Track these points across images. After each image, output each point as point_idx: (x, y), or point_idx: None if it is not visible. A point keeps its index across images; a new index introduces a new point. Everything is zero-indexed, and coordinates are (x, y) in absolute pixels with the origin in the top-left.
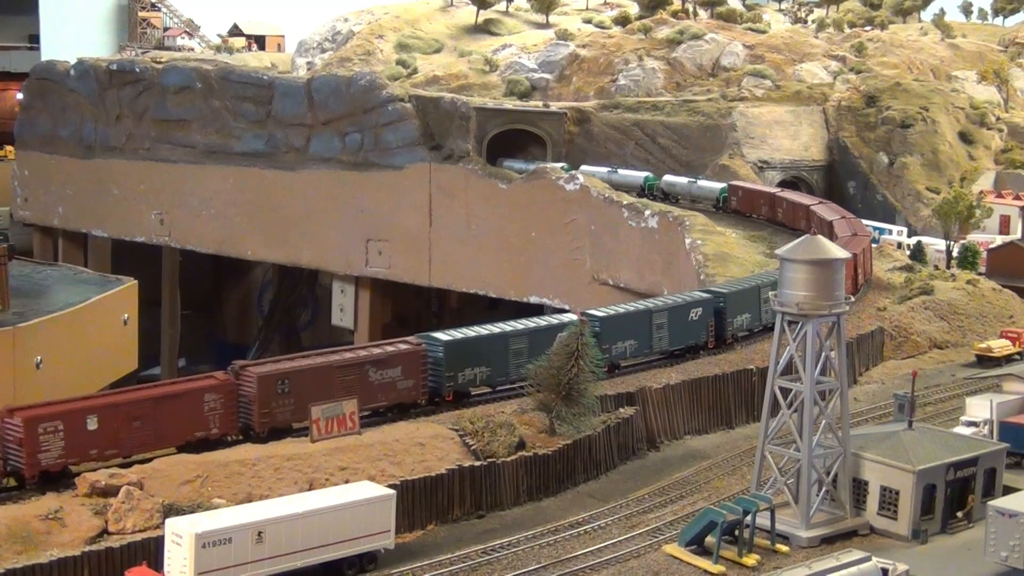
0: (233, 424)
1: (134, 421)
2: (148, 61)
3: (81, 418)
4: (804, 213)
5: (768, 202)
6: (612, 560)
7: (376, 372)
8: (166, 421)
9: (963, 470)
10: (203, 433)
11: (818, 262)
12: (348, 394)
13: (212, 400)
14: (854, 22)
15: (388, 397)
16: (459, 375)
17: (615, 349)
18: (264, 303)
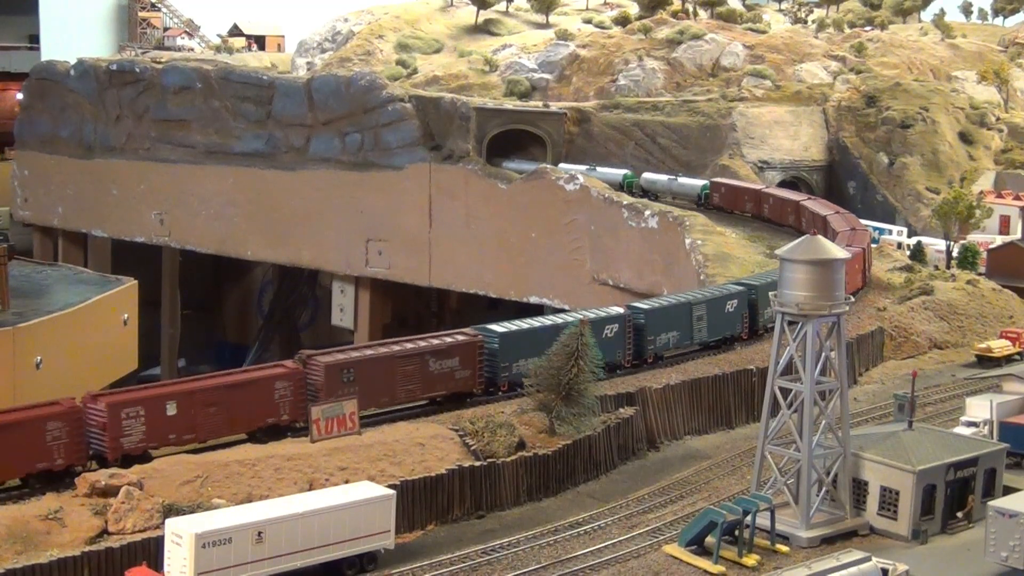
0: (301, 411)
1: (210, 407)
2: (148, 61)
3: (161, 404)
4: (794, 208)
5: (753, 198)
6: (612, 560)
7: (435, 362)
8: (239, 407)
9: (963, 470)
10: (273, 419)
11: (818, 262)
12: (409, 383)
13: (282, 388)
14: (854, 22)
15: (446, 386)
16: (513, 365)
17: (659, 341)
18: (264, 303)
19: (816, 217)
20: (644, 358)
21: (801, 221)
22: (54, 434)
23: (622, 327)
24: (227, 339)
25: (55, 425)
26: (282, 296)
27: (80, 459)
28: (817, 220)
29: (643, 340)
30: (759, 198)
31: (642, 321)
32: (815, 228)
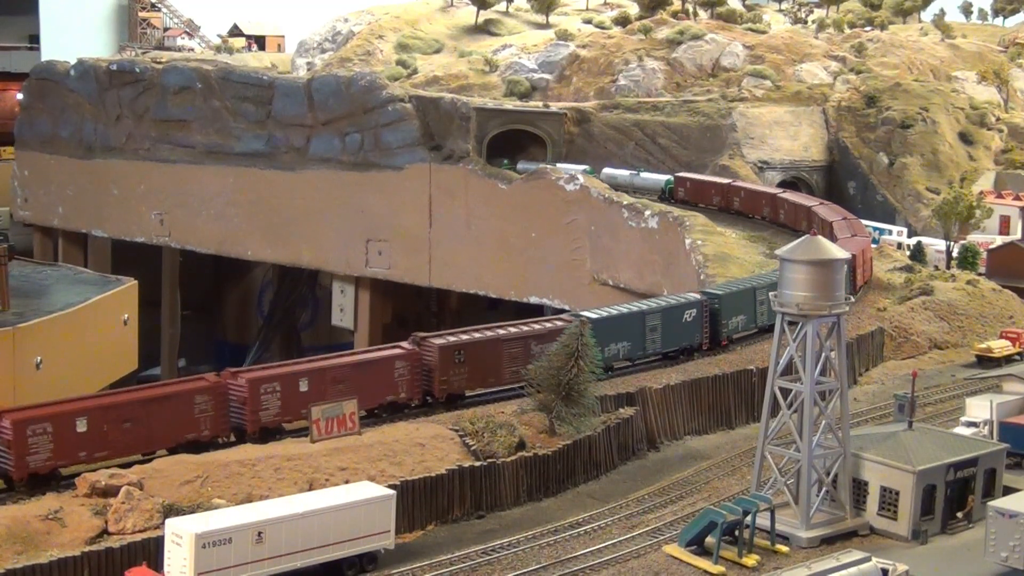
0: (417, 390)
1: (338, 384)
2: (148, 61)
3: (295, 381)
4: (769, 201)
5: (720, 192)
6: (612, 560)
7: (537, 346)
8: (363, 385)
9: (963, 470)
10: (393, 397)
11: (818, 262)
12: (514, 365)
13: (401, 367)
14: (854, 22)
15: None
16: (605, 350)
17: (731, 324)
18: (264, 303)
19: (799, 208)
20: (719, 341)
21: (778, 213)
22: (201, 407)
23: (699, 312)
24: (227, 339)
25: (202, 399)
26: (282, 296)
27: (223, 431)
28: (800, 212)
29: (718, 324)
30: (727, 191)
31: (717, 306)
32: (792, 219)
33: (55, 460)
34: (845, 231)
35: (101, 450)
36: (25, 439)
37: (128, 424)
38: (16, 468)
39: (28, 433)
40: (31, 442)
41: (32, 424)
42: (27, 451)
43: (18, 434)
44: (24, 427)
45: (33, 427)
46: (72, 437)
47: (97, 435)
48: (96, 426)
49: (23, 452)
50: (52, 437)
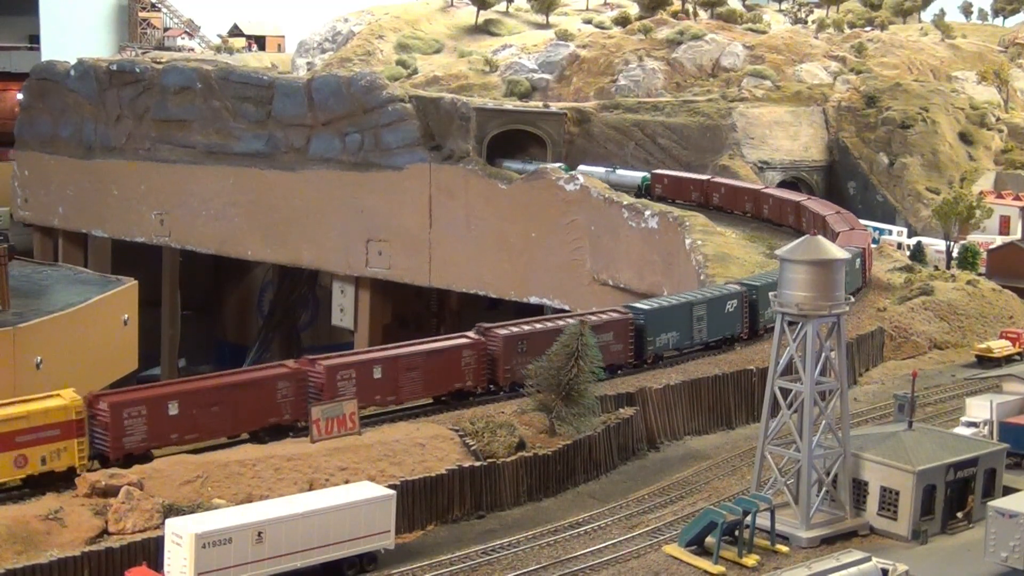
0: (483, 378)
1: (410, 372)
2: (148, 61)
3: (369, 368)
4: (752, 197)
5: (699, 188)
6: (612, 560)
7: (594, 336)
8: (433, 373)
9: (963, 471)
10: (460, 385)
11: (818, 262)
12: None
13: (468, 356)
14: (854, 22)
15: (604, 359)
16: (656, 339)
17: (766, 315)
18: (264, 303)
19: (785, 203)
20: (756, 330)
21: (761, 208)
22: (283, 392)
23: (740, 303)
24: (227, 339)
25: (284, 384)
26: (282, 296)
27: (303, 415)
28: (787, 207)
29: (756, 314)
30: (706, 188)
31: (755, 297)
32: (777, 214)
33: (149, 442)
34: (842, 224)
35: (191, 432)
36: (121, 421)
37: (216, 408)
38: (112, 449)
39: (124, 416)
40: (127, 424)
41: (128, 407)
42: (123, 432)
43: (115, 416)
44: (120, 410)
45: (128, 410)
46: (164, 420)
47: (187, 418)
48: (186, 410)
49: (119, 434)
50: (146, 420)
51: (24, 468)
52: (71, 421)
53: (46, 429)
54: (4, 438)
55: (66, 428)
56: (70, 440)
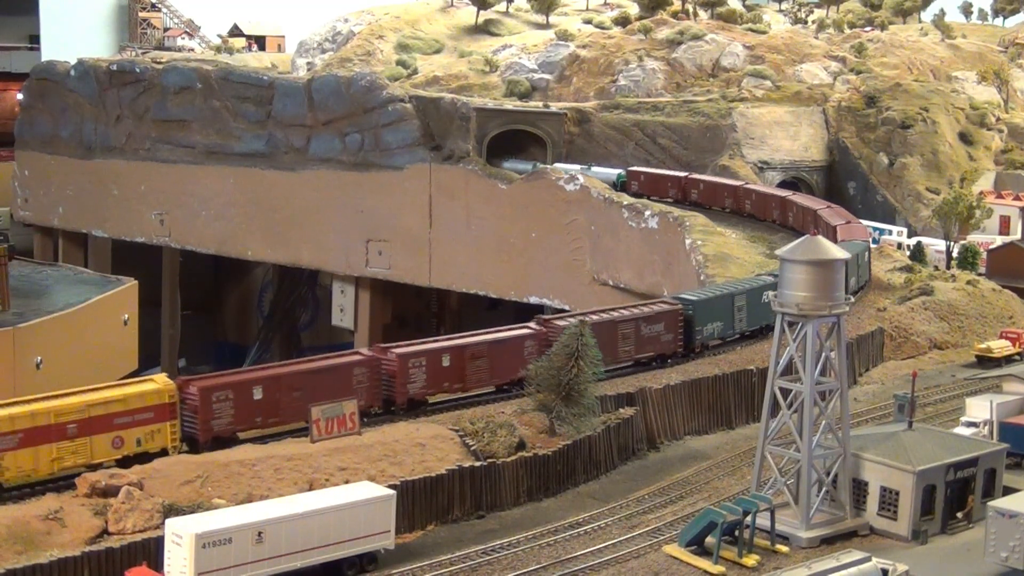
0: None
1: (476, 360)
2: (148, 61)
3: (438, 356)
4: (731, 192)
5: (677, 185)
6: (612, 560)
7: (646, 327)
8: (498, 362)
9: (963, 471)
10: (523, 373)
11: (818, 262)
12: (627, 344)
13: (530, 347)
14: (854, 23)
15: (655, 348)
16: (703, 329)
17: None
18: (264, 303)
19: (768, 197)
20: None
21: (743, 203)
22: (359, 379)
23: None
24: (227, 339)
25: (360, 371)
26: (282, 296)
27: (376, 402)
28: (772, 201)
29: None
30: (684, 184)
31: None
32: (761, 209)
33: (235, 425)
34: (835, 219)
35: (273, 416)
36: (210, 405)
37: (297, 393)
38: (202, 431)
39: (212, 400)
40: (215, 408)
41: (216, 391)
42: (211, 416)
43: (204, 400)
44: (209, 394)
45: (217, 394)
46: (250, 404)
47: (271, 402)
48: (270, 394)
49: (208, 417)
50: (233, 403)
51: (120, 449)
52: (164, 404)
53: (141, 412)
54: (103, 420)
55: (159, 411)
56: (163, 423)
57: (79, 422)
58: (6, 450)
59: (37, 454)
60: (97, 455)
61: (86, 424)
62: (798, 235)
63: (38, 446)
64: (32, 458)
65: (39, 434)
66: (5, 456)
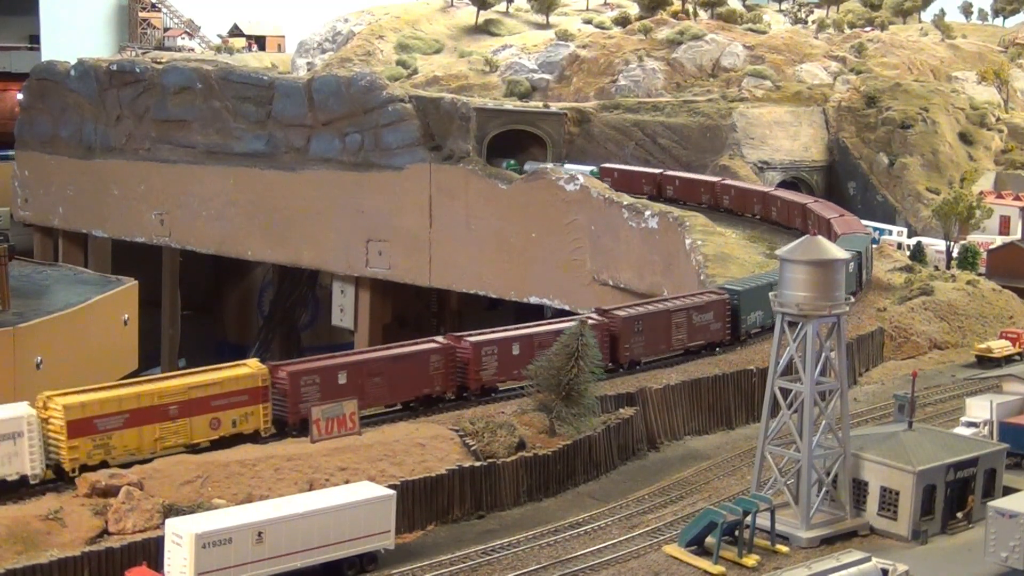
0: (605, 357)
1: (542, 349)
2: (148, 61)
3: (509, 346)
4: (708, 189)
5: (652, 181)
6: (612, 560)
7: (697, 316)
8: None
9: (963, 471)
10: None
11: (818, 262)
12: (680, 333)
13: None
14: (854, 23)
15: (704, 336)
16: (748, 318)
17: None
18: (264, 303)
19: (748, 194)
20: None
21: (721, 199)
22: (435, 366)
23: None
24: (227, 339)
25: (436, 358)
26: (282, 296)
27: (451, 388)
28: (751, 197)
29: None
30: (659, 181)
31: None
32: (740, 204)
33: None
34: (828, 212)
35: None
36: (299, 388)
37: (377, 379)
38: (291, 414)
39: (301, 384)
40: (303, 392)
41: (304, 376)
42: (300, 399)
43: (293, 384)
44: (298, 378)
45: (305, 378)
46: (335, 388)
47: (354, 387)
48: (353, 379)
49: (297, 400)
50: (319, 388)
51: (218, 430)
52: (258, 388)
53: (236, 395)
54: (202, 402)
55: (253, 394)
56: (256, 405)
57: (180, 404)
58: (114, 429)
59: (141, 434)
60: (196, 435)
61: (186, 406)
62: (783, 229)
63: (142, 426)
64: (137, 437)
65: (144, 415)
66: (113, 435)
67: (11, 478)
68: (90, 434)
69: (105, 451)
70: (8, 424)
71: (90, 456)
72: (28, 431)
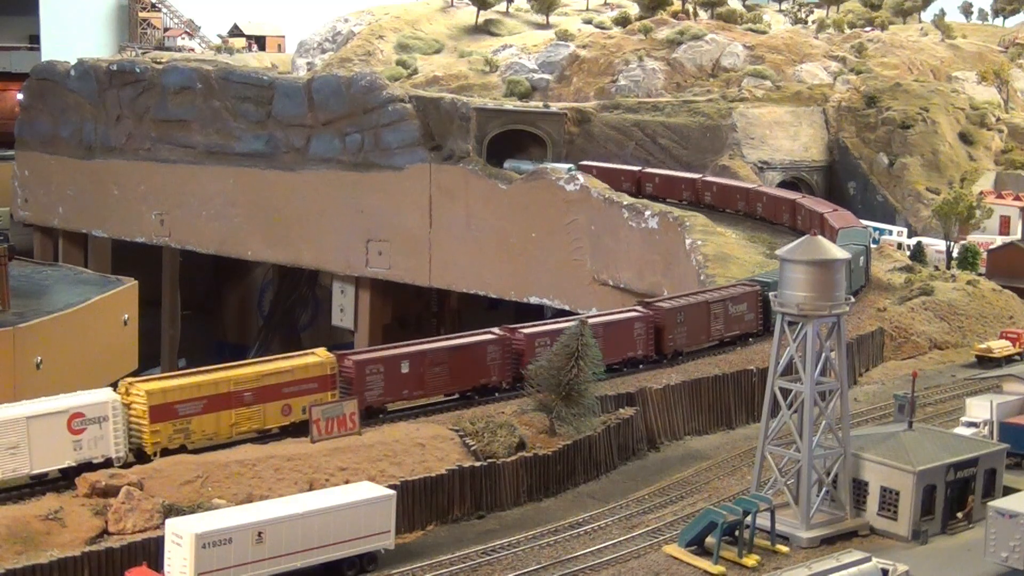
0: (650, 347)
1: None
2: (148, 61)
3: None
4: (689, 186)
5: (631, 179)
6: (612, 560)
7: (733, 306)
8: (612, 342)
9: (963, 471)
10: (632, 353)
11: (818, 262)
12: (718, 324)
13: (639, 328)
14: (854, 23)
15: (740, 327)
16: None
17: None
18: (264, 303)
19: (730, 190)
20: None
21: (703, 196)
22: (492, 356)
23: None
24: (227, 339)
25: (493, 349)
26: (282, 296)
27: (506, 378)
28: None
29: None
30: (639, 178)
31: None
32: (722, 200)
33: (385, 396)
34: (820, 207)
35: (418, 389)
36: (364, 377)
37: (438, 369)
38: (357, 402)
39: (366, 372)
40: (368, 380)
41: (370, 365)
42: (365, 387)
43: (359, 373)
44: (364, 367)
45: (370, 367)
46: (398, 377)
47: (416, 376)
48: (415, 369)
49: (362, 388)
50: (383, 377)
51: (288, 416)
52: (326, 376)
53: (306, 383)
54: (273, 389)
55: (322, 382)
56: (325, 393)
57: (254, 391)
58: (192, 415)
59: (218, 419)
60: (268, 421)
61: (260, 392)
62: (769, 224)
63: (219, 412)
64: (214, 422)
65: (220, 400)
66: (192, 420)
67: (96, 460)
68: (171, 419)
69: (184, 435)
70: (95, 408)
71: (170, 440)
72: (113, 415)
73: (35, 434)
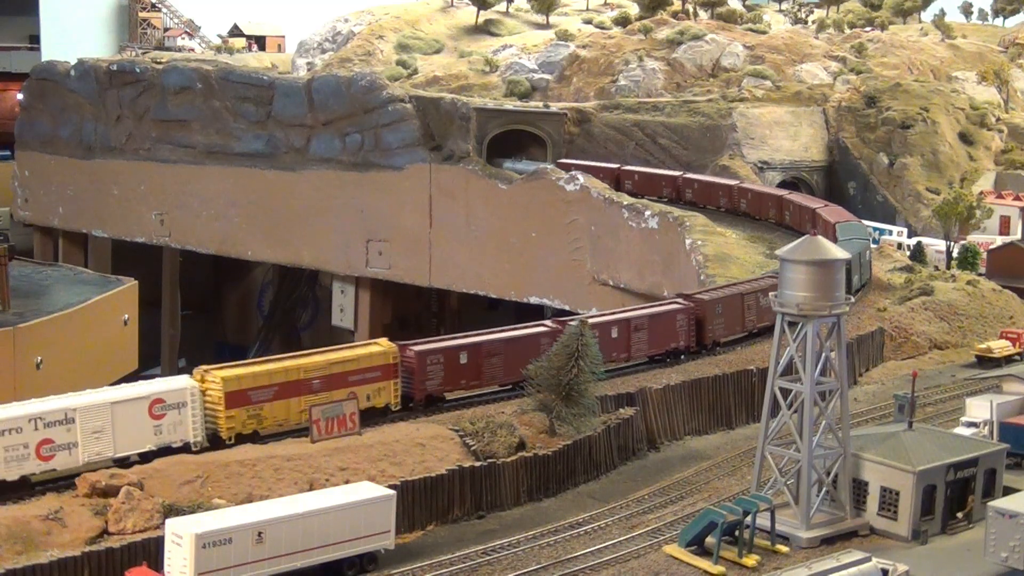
0: (691, 338)
1: (638, 332)
2: (148, 61)
3: (608, 329)
4: (670, 183)
5: (609, 176)
6: (612, 560)
7: (764, 298)
8: (654, 334)
9: (963, 471)
10: (675, 344)
11: (818, 262)
12: (751, 315)
13: (681, 320)
14: (854, 23)
15: (770, 318)
16: None
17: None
18: (264, 303)
19: (713, 187)
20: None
21: (684, 193)
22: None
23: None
24: (227, 339)
25: (546, 340)
26: (282, 296)
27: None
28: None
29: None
30: (619, 175)
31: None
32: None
33: (444, 386)
34: (811, 203)
35: (475, 379)
36: (425, 367)
37: (494, 359)
38: (417, 391)
39: (427, 362)
40: (428, 370)
41: (430, 355)
42: (426, 377)
43: (420, 362)
44: (425, 357)
45: (431, 357)
46: (457, 367)
47: (473, 367)
48: (473, 359)
49: (423, 378)
50: (443, 367)
51: None
52: (389, 365)
53: (370, 371)
54: (340, 377)
55: (385, 371)
56: (387, 381)
57: (322, 378)
58: (264, 401)
59: (288, 406)
60: None
61: (327, 380)
62: (752, 220)
63: (289, 399)
64: (284, 409)
65: (290, 388)
66: (264, 407)
67: (176, 444)
68: (244, 405)
69: (257, 421)
70: (175, 395)
71: (244, 425)
72: (191, 402)
73: (119, 419)
